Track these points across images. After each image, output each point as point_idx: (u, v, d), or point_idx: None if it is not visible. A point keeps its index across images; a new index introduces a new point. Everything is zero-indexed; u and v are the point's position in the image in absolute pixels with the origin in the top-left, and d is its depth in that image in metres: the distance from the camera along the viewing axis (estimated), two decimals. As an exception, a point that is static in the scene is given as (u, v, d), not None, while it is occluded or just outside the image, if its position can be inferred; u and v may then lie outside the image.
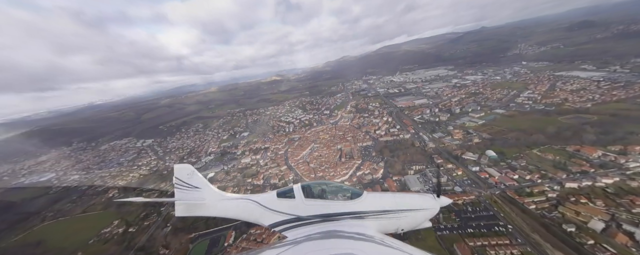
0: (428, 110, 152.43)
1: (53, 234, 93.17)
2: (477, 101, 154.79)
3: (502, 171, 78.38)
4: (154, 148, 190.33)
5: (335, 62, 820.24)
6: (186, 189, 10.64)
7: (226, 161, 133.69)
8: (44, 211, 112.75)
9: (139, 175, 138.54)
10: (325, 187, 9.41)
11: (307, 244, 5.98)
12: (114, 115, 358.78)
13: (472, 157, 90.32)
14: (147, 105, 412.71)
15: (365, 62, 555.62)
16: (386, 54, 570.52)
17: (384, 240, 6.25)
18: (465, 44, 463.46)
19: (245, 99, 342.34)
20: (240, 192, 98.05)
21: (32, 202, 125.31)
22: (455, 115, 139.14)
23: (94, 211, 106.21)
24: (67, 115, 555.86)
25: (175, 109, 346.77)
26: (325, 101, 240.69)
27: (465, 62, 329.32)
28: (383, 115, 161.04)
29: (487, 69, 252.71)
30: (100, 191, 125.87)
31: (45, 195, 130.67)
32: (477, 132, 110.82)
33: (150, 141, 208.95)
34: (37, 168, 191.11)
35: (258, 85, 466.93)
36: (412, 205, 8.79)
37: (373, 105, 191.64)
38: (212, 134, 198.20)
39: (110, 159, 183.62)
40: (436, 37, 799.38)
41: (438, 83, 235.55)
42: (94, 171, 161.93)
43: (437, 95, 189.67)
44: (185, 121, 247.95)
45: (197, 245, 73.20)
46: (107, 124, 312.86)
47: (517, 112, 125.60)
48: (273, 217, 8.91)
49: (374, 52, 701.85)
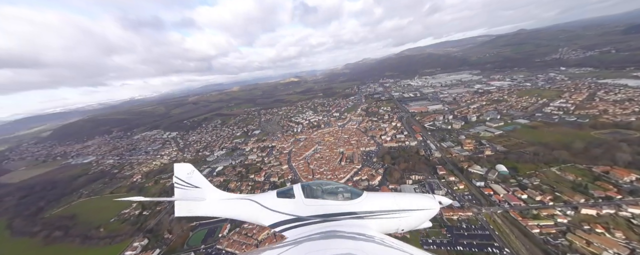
0: (441, 117, 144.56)
1: (85, 209, 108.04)
2: (498, 109, 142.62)
3: (509, 189, 71.85)
4: (177, 140, 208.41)
5: (355, 64, 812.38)
6: (186, 188, 10.53)
7: (235, 156, 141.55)
8: (81, 189, 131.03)
9: (160, 164, 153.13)
10: (325, 187, 9.35)
11: (307, 244, 5.94)
12: (148, 109, 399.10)
13: (479, 171, 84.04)
14: (177, 102, 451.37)
15: (384, 65, 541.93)
16: (408, 57, 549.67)
17: (384, 240, 6.20)
18: (497, 47, 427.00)
19: (262, 98, 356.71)
20: (242, 186, 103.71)
21: (75, 180, 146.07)
22: (471, 123, 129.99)
23: (119, 193, 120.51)
24: (113, 107, 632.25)
25: (199, 106, 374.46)
26: (337, 103, 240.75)
27: (493, 66, 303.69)
28: (392, 120, 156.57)
29: (517, 75, 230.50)
30: (127, 175, 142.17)
31: (85, 175, 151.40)
32: (491, 144, 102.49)
33: (175, 134, 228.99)
34: (83, 151, 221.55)
35: (276, 86, 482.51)
36: (412, 205, 8.70)
37: (384, 110, 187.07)
38: (228, 130, 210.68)
39: (140, 147, 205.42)
40: (466, 39, 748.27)
41: (458, 88, 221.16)
42: (126, 157, 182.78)
43: (454, 101, 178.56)
44: (207, 117, 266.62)
45: (196, 233, 79.35)
46: (142, 117, 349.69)
47: (542, 124, 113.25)
48: (273, 217, 8.83)
49: (396, 54, 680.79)
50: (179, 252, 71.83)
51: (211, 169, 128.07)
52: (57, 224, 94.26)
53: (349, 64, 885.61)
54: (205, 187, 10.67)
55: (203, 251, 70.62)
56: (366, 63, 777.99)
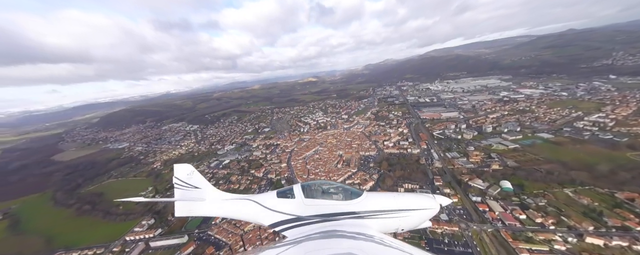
0: (454, 126, 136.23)
1: (111, 189, 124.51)
2: (521, 121, 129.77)
3: (508, 207, 66.22)
4: (196, 133, 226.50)
5: (375, 65, 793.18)
6: (186, 188, 10.52)
7: (242, 152, 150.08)
8: (112, 171, 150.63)
9: (177, 154, 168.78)
10: (325, 187, 9.35)
11: (307, 243, 5.95)
12: (178, 102, 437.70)
13: (480, 185, 78.46)
14: (204, 97, 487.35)
15: (406, 67, 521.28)
16: (432, 59, 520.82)
17: (384, 240, 6.23)
18: (536, 49, 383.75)
19: (279, 97, 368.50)
20: (242, 180, 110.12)
21: (109, 163, 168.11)
22: (485, 134, 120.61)
23: (141, 177, 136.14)
24: (150, 100, 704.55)
25: (222, 102, 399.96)
26: (348, 105, 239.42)
27: (528, 71, 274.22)
28: (400, 125, 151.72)
29: (554, 82, 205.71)
30: (149, 162, 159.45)
31: (117, 159, 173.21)
32: (502, 158, 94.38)
33: (196, 127, 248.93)
34: (120, 137, 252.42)
35: (294, 85, 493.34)
36: (412, 205, 8.70)
37: (395, 114, 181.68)
38: (241, 126, 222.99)
39: (165, 137, 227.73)
40: (501, 40, 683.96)
41: (481, 95, 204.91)
42: (152, 145, 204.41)
43: (473, 109, 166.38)
44: (225, 113, 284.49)
45: (194, 219, 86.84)
46: (172, 109, 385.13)
47: (568, 140, 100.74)
48: (273, 217, 8.81)
49: (419, 56, 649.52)
50: (176, 233, 79.61)
51: (219, 162, 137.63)
52: (88, 199, 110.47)
53: (369, 65, 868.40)
54: (205, 187, 10.66)
55: (195, 235, 77.47)
56: (387, 64, 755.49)
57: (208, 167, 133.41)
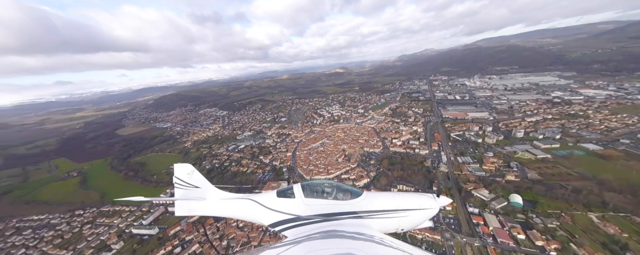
0: (477, 128, 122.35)
1: (151, 161, 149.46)
2: (566, 127, 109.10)
3: (507, 223, 59.37)
4: (224, 118, 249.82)
5: (411, 56, 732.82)
6: (186, 188, 10.55)
7: (257, 138, 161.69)
8: (154, 146, 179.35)
9: (206, 136, 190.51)
10: (325, 186, 9.33)
11: (307, 243, 5.95)
12: (215, 89, 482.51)
13: (484, 196, 71.21)
14: (237, 85, 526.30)
15: (445, 59, 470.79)
16: (478, 50, 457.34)
17: (384, 240, 6.25)
18: (622, 39, 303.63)
19: (302, 88, 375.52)
20: (250, 164, 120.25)
21: (154, 139, 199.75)
22: (513, 139, 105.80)
23: (173, 153, 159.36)
24: (195, 86, 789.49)
25: (251, 90, 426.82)
26: (368, 99, 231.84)
27: (603, 68, 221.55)
28: (417, 124, 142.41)
29: (633, 82, 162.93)
30: (183, 141, 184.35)
31: (160, 137, 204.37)
32: (523, 168, 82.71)
33: (225, 112, 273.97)
34: (166, 118, 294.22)
35: (319, 76, 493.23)
36: (412, 205, 8.71)
37: (415, 111, 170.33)
38: (263, 114, 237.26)
39: (199, 120, 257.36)
40: (576, 27, 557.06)
41: (527, 94, 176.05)
42: (188, 127, 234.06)
43: (509, 110, 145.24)
44: (251, 101, 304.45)
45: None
46: (209, 96, 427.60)
47: (622, 154, 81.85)
48: (273, 217, 8.82)
49: (464, 46, 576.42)
50: None
51: (236, 146, 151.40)
52: (133, 168, 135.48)
53: (403, 56, 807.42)
54: (205, 187, 10.68)
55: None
56: (425, 55, 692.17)
57: (226, 150, 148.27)
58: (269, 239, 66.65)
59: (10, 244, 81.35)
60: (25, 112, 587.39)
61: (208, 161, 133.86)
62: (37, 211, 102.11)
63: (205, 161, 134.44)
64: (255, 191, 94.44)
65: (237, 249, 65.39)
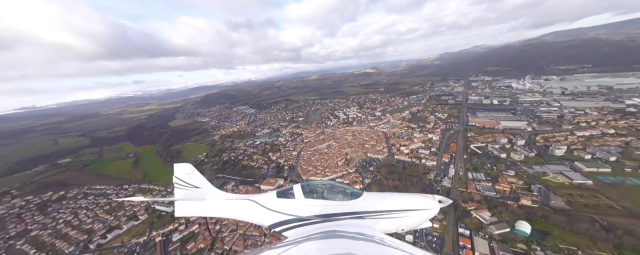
0: (506, 140, 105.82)
1: (186, 149, 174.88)
2: (631, 146, 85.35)
3: (499, 252, 51.39)
4: (251, 116, 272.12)
5: (455, 54, 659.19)
6: (186, 188, 10.56)
7: (272, 136, 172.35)
8: (191, 137, 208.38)
9: (231, 131, 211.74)
10: (325, 187, 9.31)
11: (307, 244, 5.96)
12: (249, 89, 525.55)
13: (483, 218, 62.61)
14: (268, 85, 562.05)
15: (495, 56, 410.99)
16: (540, 45, 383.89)
17: (384, 240, 6.24)
18: None
19: (327, 88, 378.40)
20: (259, 160, 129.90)
21: (192, 131, 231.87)
22: (548, 157, 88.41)
23: (204, 144, 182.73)
24: (236, 85, 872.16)
25: (280, 90, 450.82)
26: (390, 101, 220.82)
27: None
28: (434, 131, 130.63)
29: None
30: (213, 134, 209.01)
31: (197, 129, 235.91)
32: (547, 193, 69.03)
33: (253, 110, 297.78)
34: (206, 113, 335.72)
35: (347, 76, 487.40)
36: (412, 205, 8.75)
37: (437, 116, 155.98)
38: (284, 113, 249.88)
39: (230, 117, 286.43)
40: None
41: (589, 101, 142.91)
42: (220, 122, 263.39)
43: (557, 121, 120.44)
44: (277, 100, 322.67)
45: (216, 182, 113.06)
46: (243, 95, 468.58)
47: None
48: (273, 217, 8.79)
49: (522, 42, 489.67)
50: None
51: (252, 142, 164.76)
52: (171, 154, 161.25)
53: (446, 54, 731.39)
54: (205, 187, 10.68)
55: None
56: (472, 52, 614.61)
57: (244, 144, 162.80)
58: (253, 229, 72.45)
59: (78, 205, 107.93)
60: (112, 104, 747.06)
61: (227, 154, 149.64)
62: (101, 182, 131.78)
63: (225, 153, 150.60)
64: (256, 185, 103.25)
65: (225, 233, 73.27)
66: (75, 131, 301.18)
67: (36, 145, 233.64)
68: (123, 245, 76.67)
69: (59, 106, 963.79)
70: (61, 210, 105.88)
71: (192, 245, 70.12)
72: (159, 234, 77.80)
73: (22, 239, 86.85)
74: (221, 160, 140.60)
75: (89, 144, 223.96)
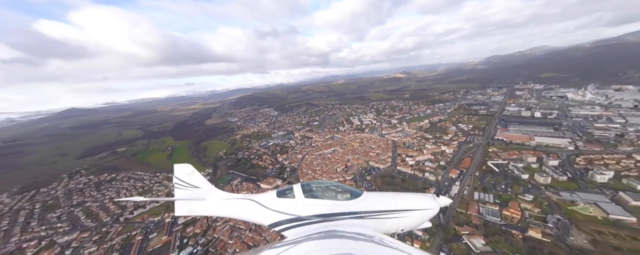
0: (533, 159, 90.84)
1: (211, 145, 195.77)
2: None
3: (479, 286, 45.16)
4: (273, 118, 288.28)
5: (505, 57, 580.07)
6: (186, 188, 10.64)
7: (285, 138, 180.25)
8: (218, 135, 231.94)
9: (252, 131, 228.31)
10: (325, 187, 9.34)
11: (306, 243, 5.96)
12: (278, 92, 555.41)
13: (475, 246, 55.50)
14: (296, 89, 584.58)
15: (556, 60, 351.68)
16: (620, 47, 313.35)
17: (384, 240, 6.24)
18: None
19: (351, 93, 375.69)
20: (267, 160, 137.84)
21: (221, 129, 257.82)
22: (585, 183, 73.14)
23: (226, 141, 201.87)
24: (268, 88, 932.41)
25: (305, 94, 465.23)
26: (412, 109, 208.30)
27: None
28: (451, 143, 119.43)
29: None
30: (237, 133, 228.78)
31: (224, 128, 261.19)
32: (568, 226, 57.32)
33: (276, 113, 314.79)
34: (237, 114, 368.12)
35: (374, 81, 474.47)
36: (412, 205, 8.75)
37: (460, 127, 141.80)
38: (302, 117, 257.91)
39: (255, 118, 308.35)
40: None
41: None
42: (246, 122, 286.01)
43: (614, 140, 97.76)
44: (299, 104, 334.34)
45: (227, 177, 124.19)
46: (271, 98, 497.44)
47: None
48: (273, 217, 8.82)
49: (594, 42, 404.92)
50: (217, 180, 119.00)
51: (266, 143, 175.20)
52: (199, 149, 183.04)
53: (494, 57, 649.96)
54: (205, 187, 10.82)
55: (220, 186, 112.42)
56: (527, 55, 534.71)
57: (259, 145, 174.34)
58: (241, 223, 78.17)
59: (122, 186, 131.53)
60: (168, 102, 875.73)
61: (242, 152, 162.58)
62: (142, 169, 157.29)
63: (240, 152, 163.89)
64: (257, 183, 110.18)
65: (218, 223, 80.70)
66: (136, 125, 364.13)
67: (106, 135, 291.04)
68: (142, 221, 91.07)
69: (130, 103, 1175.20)
70: (110, 188, 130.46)
71: (191, 229, 79.43)
72: (169, 215, 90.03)
73: (79, 208, 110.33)
74: (236, 157, 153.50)
75: (142, 136, 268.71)
